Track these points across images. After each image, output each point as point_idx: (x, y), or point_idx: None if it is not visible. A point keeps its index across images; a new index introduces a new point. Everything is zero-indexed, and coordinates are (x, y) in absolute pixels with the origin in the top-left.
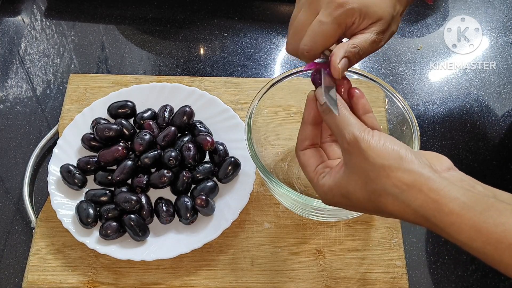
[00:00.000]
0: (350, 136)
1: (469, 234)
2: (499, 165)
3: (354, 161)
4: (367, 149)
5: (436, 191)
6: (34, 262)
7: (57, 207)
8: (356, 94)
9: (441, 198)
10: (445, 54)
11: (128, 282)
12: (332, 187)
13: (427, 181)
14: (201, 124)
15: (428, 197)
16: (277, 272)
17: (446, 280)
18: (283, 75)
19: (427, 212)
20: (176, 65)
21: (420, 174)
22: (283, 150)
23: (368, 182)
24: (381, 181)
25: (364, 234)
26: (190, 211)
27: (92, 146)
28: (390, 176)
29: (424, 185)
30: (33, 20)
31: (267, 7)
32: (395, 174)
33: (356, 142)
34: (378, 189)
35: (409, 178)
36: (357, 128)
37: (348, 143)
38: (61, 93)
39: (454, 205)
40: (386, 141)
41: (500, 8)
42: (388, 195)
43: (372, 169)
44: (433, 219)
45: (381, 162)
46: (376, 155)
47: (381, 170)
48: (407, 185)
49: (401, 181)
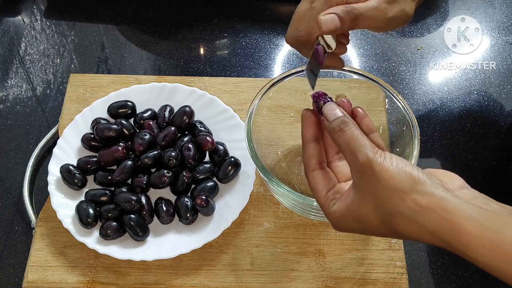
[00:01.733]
0: (363, 158)
1: (486, 253)
2: (499, 165)
3: (366, 183)
4: (380, 171)
5: (450, 212)
6: (34, 262)
7: (57, 207)
8: (360, 114)
9: (455, 218)
10: (445, 54)
11: (128, 282)
12: (344, 213)
13: (441, 201)
14: (201, 124)
15: (442, 218)
16: (277, 272)
17: (446, 280)
18: (283, 75)
19: (442, 233)
20: (176, 65)
21: (434, 194)
22: (283, 150)
23: (380, 204)
24: (394, 203)
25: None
26: (190, 211)
27: (92, 146)
28: (403, 199)
29: (438, 206)
30: (33, 20)
31: (267, 7)
32: (408, 197)
33: (369, 164)
34: (391, 211)
35: (423, 199)
36: (370, 149)
37: (360, 165)
38: (61, 93)
39: (469, 225)
40: (398, 163)
41: (500, 8)
42: (402, 217)
43: (384, 191)
44: (448, 240)
45: (394, 185)
46: (389, 177)
47: (394, 193)
48: (421, 207)
49: (415, 203)
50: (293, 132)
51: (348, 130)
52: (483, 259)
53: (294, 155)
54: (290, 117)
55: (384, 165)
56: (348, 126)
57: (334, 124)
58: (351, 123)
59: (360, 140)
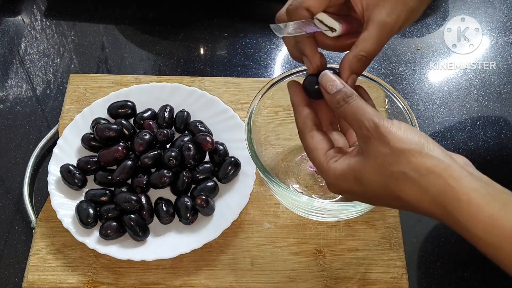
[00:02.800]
0: (370, 123)
1: (486, 226)
2: (499, 165)
3: (373, 146)
4: (387, 134)
5: (456, 179)
6: (34, 262)
7: (57, 207)
8: None
9: (461, 186)
10: (445, 54)
11: (128, 282)
12: (346, 170)
13: (448, 168)
14: (201, 124)
15: (447, 184)
16: (277, 272)
17: (446, 280)
18: (283, 75)
19: (445, 199)
20: (176, 65)
21: (442, 160)
22: (283, 150)
23: (386, 165)
24: (400, 164)
25: (364, 234)
26: (190, 211)
27: (92, 146)
28: (410, 160)
29: (445, 171)
30: (33, 20)
31: (267, 7)
32: (416, 159)
33: (376, 128)
34: (396, 172)
35: (430, 162)
36: (376, 115)
37: (367, 129)
38: (61, 93)
39: (474, 195)
40: (406, 129)
41: (500, 8)
42: (406, 179)
43: (391, 153)
44: (450, 208)
45: (402, 146)
46: (396, 139)
47: (401, 154)
48: (427, 169)
49: (422, 165)
50: (293, 132)
51: (354, 101)
52: (481, 233)
53: (294, 155)
54: (290, 117)
55: (391, 129)
56: (352, 98)
57: (339, 97)
58: (354, 95)
59: (365, 108)
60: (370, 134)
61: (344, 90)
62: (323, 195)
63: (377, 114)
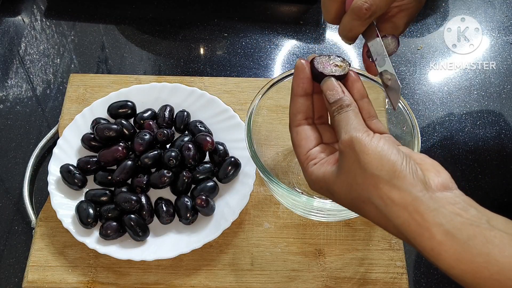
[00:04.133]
0: (347, 136)
1: (448, 262)
2: (499, 165)
3: (345, 162)
4: (360, 153)
5: (420, 214)
6: (34, 262)
7: (57, 207)
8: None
9: (424, 221)
10: (445, 54)
11: (128, 282)
12: (319, 179)
13: (414, 201)
14: (201, 124)
15: (411, 218)
16: (277, 272)
17: (446, 280)
18: (283, 75)
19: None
20: (176, 65)
21: (409, 192)
22: (283, 150)
23: (354, 186)
24: (367, 188)
25: (364, 234)
26: (190, 211)
27: (92, 146)
28: (378, 187)
29: (410, 205)
30: (33, 20)
31: (267, 7)
32: (382, 186)
33: (351, 143)
34: (362, 196)
35: (396, 195)
36: (356, 129)
37: (343, 143)
38: (61, 93)
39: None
40: (384, 148)
41: (500, 8)
42: (371, 205)
43: (360, 174)
44: (412, 241)
45: (371, 171)
46: (368, 161)
47: (370, 178)
48: (392, 201)
49: (387, 196)
50: None
51: (344, 112)
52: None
53: (294, 155)
54: None
55: (367, 147)
56: (345, 109)
57: (334, 108)
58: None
59: (350, 119)
60: (344, 149)
61: (343, 99)
62: None
63: (359, 127)
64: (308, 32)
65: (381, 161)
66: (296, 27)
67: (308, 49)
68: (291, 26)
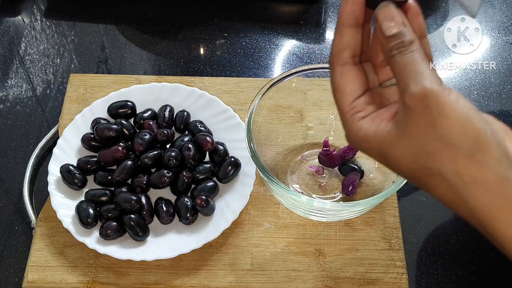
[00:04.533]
0: (417, 88)
1: None
2: None
3: (414, 121)
4: (437, 114)
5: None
6: (34, 262)
7: (57, 207)
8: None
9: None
10: (445, 54)
11: (128, 282)
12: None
13: (501, 181)
14: (201, 124)
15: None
16: (277, 272)
17: (446, 280)
18: (283, 75)
19: (485, 216)
20: (176, 65)
21: (495, 170)
22: (283, 150)
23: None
24: (441, 160)
25: (364, 234)
26: (190, 211)
27: (92, 146)
28: (455, 161)
29: (495, 186)
30: (33, 20)
31: (267, 7)
32: (462, 160)
33: (424, 99)
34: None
35: (478, 172)
36: (430, 80)
37: (412, 96)
38: (61, 93)
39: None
40: (467, 112)
41: (500, 8)
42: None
43: (434, 141)
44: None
45: (450, 140)
46: (447, 127)
47: (447, 149)
48: (473, 179)
49: (467, 172)
50: (293, 132)
51: (409, 53)
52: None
53: (294, 155)
54: (290, 117)
55: (446, 107)
56: (409, 48)
57: (393, 44)
58: (414, 44)
59: (419, 65)
60: (413, 104)
61: (403, 33)
62: (323, 195)
63: (435, 81)
64: (308, 32)
65: (463, 127)
66: (296, 27)
67: (308, 49)
68: (291, 26)
